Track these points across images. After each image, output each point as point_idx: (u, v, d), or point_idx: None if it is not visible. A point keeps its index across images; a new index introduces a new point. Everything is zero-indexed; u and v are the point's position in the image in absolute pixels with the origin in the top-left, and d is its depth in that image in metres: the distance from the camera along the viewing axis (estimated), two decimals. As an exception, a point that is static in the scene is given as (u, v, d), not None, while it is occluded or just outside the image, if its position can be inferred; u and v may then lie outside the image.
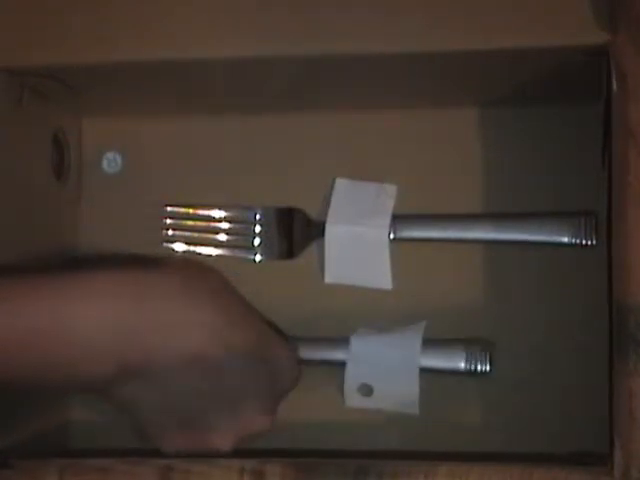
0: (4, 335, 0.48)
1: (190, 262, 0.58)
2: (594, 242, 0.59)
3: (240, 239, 0.63)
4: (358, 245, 0.61)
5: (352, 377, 0.60)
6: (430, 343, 0.59)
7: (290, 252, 0.62)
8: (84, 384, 0.51)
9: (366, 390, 0.60)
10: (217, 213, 0.63)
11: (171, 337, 0.50)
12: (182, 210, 0.63)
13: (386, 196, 0.61)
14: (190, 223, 0.63)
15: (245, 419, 0.53)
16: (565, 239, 0.59)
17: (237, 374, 0.52)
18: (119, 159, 0.65)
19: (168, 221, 0.63)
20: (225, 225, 0.63)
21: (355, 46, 0.52)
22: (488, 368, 0.59)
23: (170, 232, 0.63)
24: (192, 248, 0.63)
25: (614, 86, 0.49)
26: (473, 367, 0.59)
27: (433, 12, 0.51)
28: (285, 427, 0.56)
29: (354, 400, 0.60)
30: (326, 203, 0.62)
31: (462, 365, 0.59)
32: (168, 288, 0.51)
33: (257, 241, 0.62)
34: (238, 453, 0.53)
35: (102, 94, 0.61)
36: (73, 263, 0.62)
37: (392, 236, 0.61)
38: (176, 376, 0.51)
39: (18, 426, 0.57)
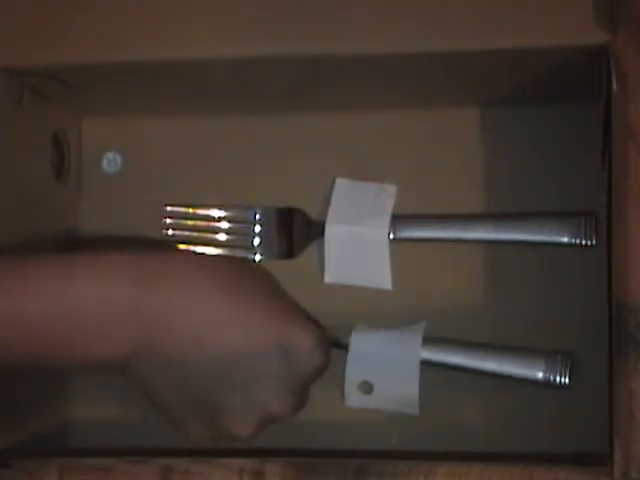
0: (8, 315, 0.48)
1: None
2: (594, 242, 0.59)
3: (240, 239, 0.63)
4: (358, 245, 0.61)
5: (353, 374, 0.60)
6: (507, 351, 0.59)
7: (290, 252, 0.62)
8: (94, 365, 0.51)
9: (366, 388, 0.60)
10: (217, 213, 0.63)
11: (179, 319, 0.50)
12: (182, 210, 0.63)
13: (386, 196, 0.61)
14: (190, 223, 0.63)
15: (261, 402, 0.52)
16: (565, 239, 0.59)
17: (247, 356, 0.52)
18: (119, 159, 0.65)
19: (168, 221, 0.63)
20: (225, 225, 0.63)
21: (355, 46, 0.52)
22: (567, 380, 0.58)
23: (170, 232, 0.63)
24: (192, 248, 0.62)
25: (614, 86, 0.49)
26: (552, 378, 0.58)
27: (433, 12, 0.51)
28: (285, 427, 0.56)
29: (354, 397, 0.60)
30: (326, 203, 0.62)
31: (540, 376, 0.58)
32: (180, 271, 0.51)
33: (257, 241, 0.62)
34: (238, 453, 0.53)
35: (102, 94, 0.61)
36: (76, 244, 0.63)
37: (392, 236, 0.61)
38: (186, 358, 0.51)
39: (18, 426, 0.57)
